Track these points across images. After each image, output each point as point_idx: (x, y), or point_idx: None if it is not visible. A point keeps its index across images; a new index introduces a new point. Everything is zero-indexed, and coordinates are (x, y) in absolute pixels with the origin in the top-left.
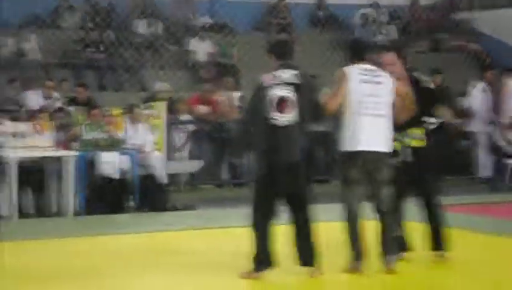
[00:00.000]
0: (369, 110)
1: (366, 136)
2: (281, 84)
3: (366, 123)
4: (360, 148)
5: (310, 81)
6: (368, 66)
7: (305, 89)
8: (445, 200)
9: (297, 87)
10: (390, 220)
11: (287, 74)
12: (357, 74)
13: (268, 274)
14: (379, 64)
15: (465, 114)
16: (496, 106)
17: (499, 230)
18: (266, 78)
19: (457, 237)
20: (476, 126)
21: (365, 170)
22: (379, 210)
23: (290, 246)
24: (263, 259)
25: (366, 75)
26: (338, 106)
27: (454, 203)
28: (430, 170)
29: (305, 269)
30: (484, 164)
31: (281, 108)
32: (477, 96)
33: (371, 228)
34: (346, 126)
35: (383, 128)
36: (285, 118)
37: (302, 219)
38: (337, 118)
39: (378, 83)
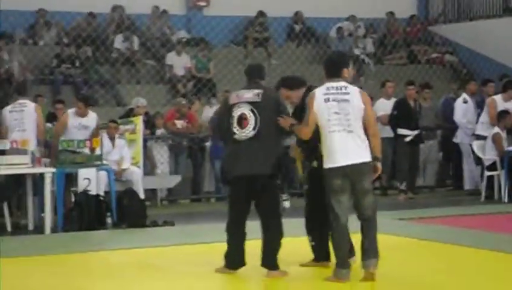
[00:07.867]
0: (337, 127)
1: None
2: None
3: (336, 139)
4: (336, 164)
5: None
6: (335, 84)
7: (266, 107)
8: (431, 212)
9: (257, 105)
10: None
11: (249, 94)
12: (322, 93)
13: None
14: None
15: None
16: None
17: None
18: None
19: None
20: (459, 137)
21: (348, 181)
22: (363, 217)
23: None
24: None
25: (332, 94)
26: (310, 133)
27: (441, 215)
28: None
29: None
30: (469, 176)
31: (241, 124)
32: (459, 108)
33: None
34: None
35: (353, 142)
36: (244, 133)
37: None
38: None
39: (345, 100)
